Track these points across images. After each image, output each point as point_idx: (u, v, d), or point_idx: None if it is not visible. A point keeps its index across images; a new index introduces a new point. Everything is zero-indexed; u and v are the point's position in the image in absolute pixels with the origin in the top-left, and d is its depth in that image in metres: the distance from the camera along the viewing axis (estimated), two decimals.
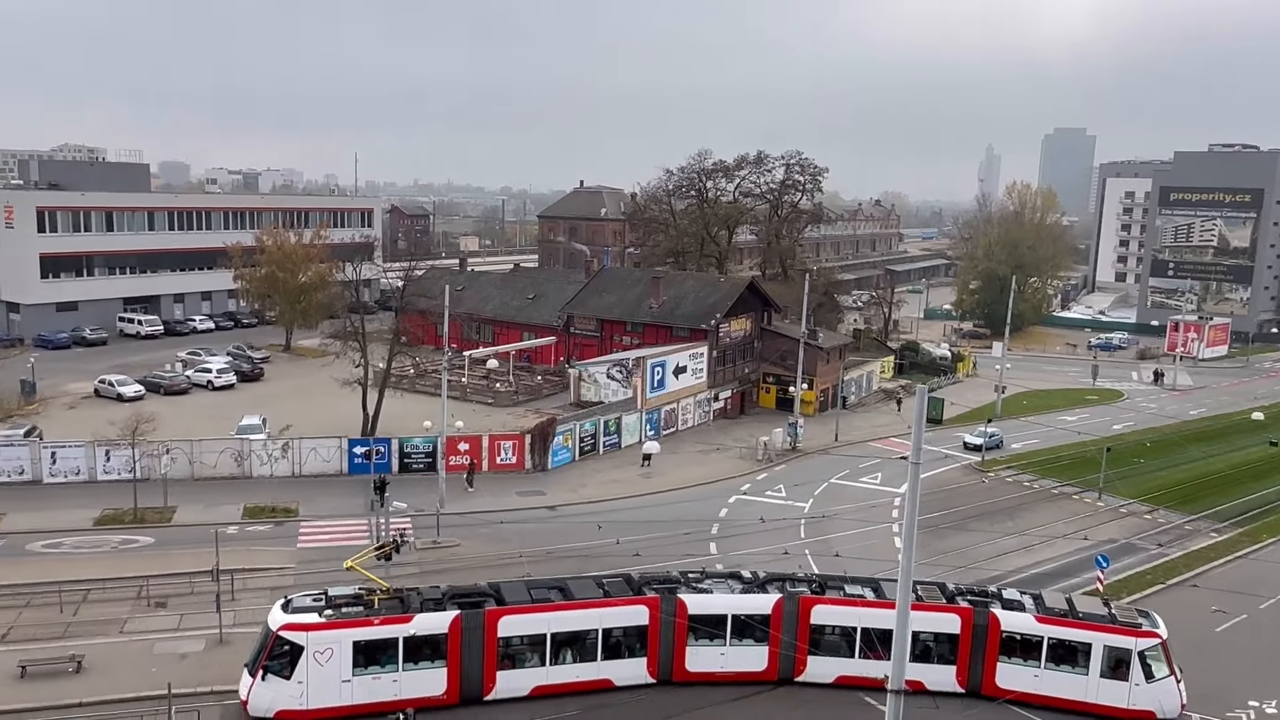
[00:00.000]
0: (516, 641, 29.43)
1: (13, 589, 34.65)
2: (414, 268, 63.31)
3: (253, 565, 37.91)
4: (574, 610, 29.75)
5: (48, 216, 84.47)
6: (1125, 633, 29.79)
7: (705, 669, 30.71)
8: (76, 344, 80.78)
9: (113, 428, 46.26)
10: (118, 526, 42.13)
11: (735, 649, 30.73)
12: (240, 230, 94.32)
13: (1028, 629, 30.41)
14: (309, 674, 27.26)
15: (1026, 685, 30.24)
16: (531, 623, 29.42)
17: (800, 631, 30.55)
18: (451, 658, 28.63)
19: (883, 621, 29.95)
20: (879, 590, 31.59)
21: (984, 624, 30.45)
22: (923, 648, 30.58)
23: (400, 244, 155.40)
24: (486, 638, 28.88)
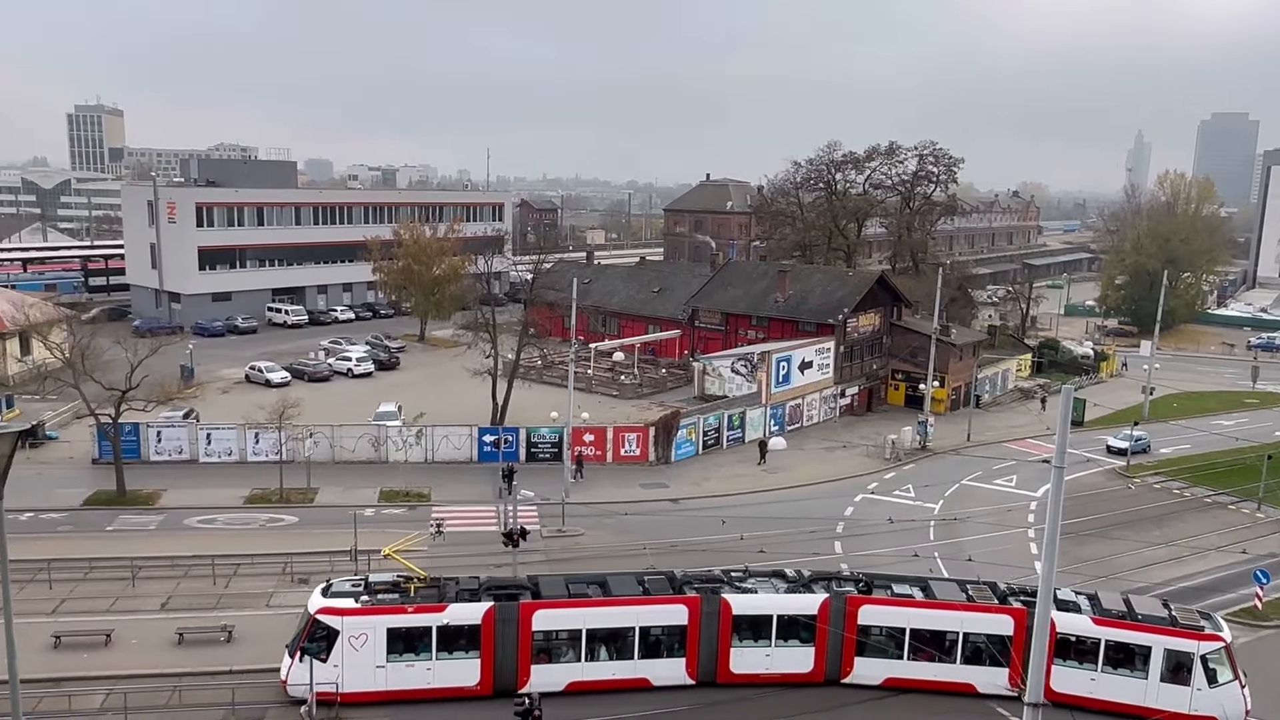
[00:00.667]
0: (551, 636, 29.36)
1: (171, 561, 37.05)
2: (542, 261, 64.46)
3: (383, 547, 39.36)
4: (610, 607, 29.58)
5: (205, 212, 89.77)
6: (1187, 635, 28.77)
7: (750, 670, 30.21)
8: (230, 332, 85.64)
9: (261, 412, 48.81)
10: (265, 505, 44.51)
11: (781, 650, 30.17)
12: (379, 224, 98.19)
13: (1083, 631, 29.44)
14: (344, 657, 27.88)
15: (1082, 689, 29.29)
16: (566, 618, 29.36)
17: (848, 632, 30.09)
18: (485, 649, 28.80)
19: (932, 622, 29.93)
20: (928, 590, 30.96)
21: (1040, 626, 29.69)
22: (973, 649, 29.93)
23: (529, 237, 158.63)
24: (520, 631, 28.88)
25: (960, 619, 29.97)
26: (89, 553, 37.58)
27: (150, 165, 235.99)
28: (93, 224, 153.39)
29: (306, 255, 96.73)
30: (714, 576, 31.49)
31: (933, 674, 30.28)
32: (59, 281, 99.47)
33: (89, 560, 36.78)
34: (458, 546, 39.82)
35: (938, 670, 30.23)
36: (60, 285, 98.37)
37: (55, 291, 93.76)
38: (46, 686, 27.97)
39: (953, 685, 30.22)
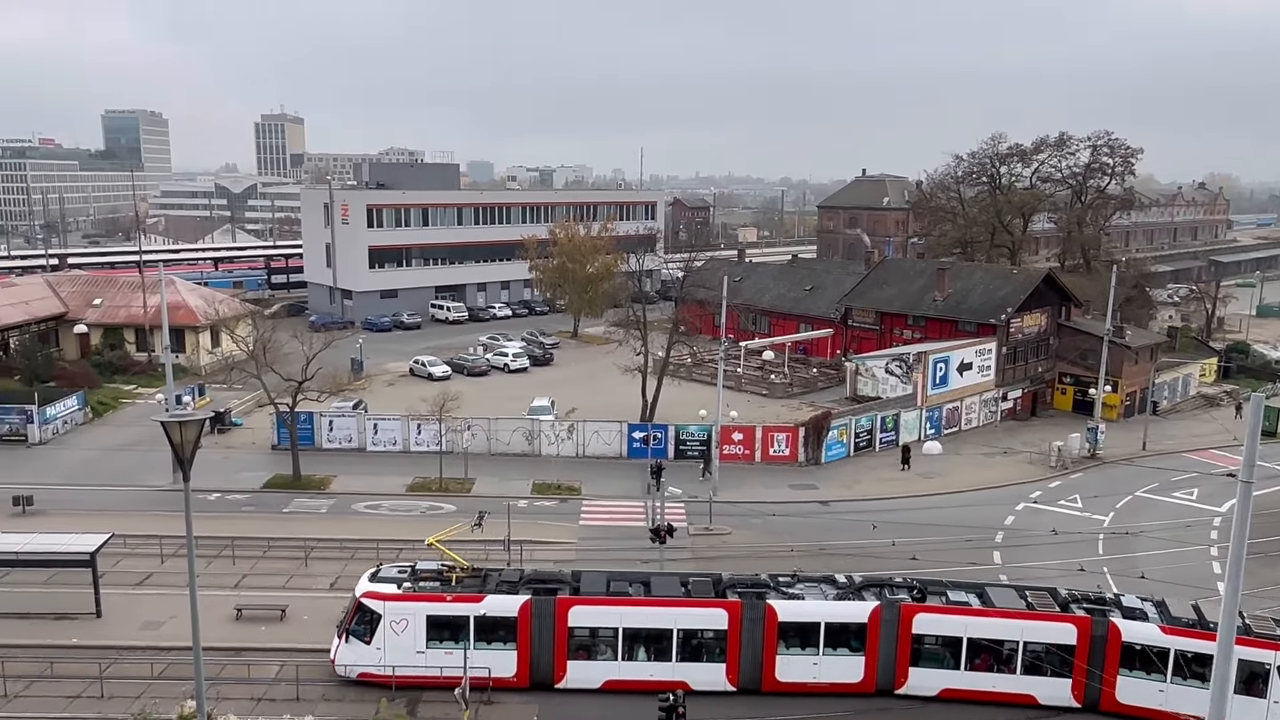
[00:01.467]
0: (588, 632, 29.27)
1: (340, 543, 39.25)
2: (694, 259, 64.73)
3: (539, 538, 40.42)
4: (648, 607, 29.18)
5: (375, 213, 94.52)
6: (1262, 645, 27.12)
7: (796, 679, 29.24)
8: (396, 327, 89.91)
9: (424, 404, 50.97)
10: (425, 494, 46.49)
11: (830, 659, 29.13)
12: (536, 224, 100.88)
13: (1152, 640, 28.09)
14: (386, 641, 28.57)
15: (1151, 701, 28.05)
16: (603, 615, 29.14)
17: (901, 641, 28.95)
18: (521, 641, 28.94)
19: (990, 631, 28.71)
20: (985, 597, 29.59)
21: (1103, 634, 28.29)
22: (1034, 660, 28.72)
23: (681, 235, 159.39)
24: (557, 625, 28.90)
25: (1020, 627, 28.75)
26: (267, 533, 40.32)
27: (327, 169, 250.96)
28: (275, 225, 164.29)
29: (467, 254, 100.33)
30: (760, 581, 30.75)
31: (991, 685, 29.07)
32: (245, 279, 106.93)
33: (267, 540, 39.46)
34: (606, 541, 40.52)
35: (996, 681, 29.03)
36: (246, 283, 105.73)
37: (242, 288, 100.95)
38: (228, 655, 30.17)
39: (1012, 697, 29.01)
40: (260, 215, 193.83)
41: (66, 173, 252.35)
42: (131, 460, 49.56)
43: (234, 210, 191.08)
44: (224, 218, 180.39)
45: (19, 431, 53.08)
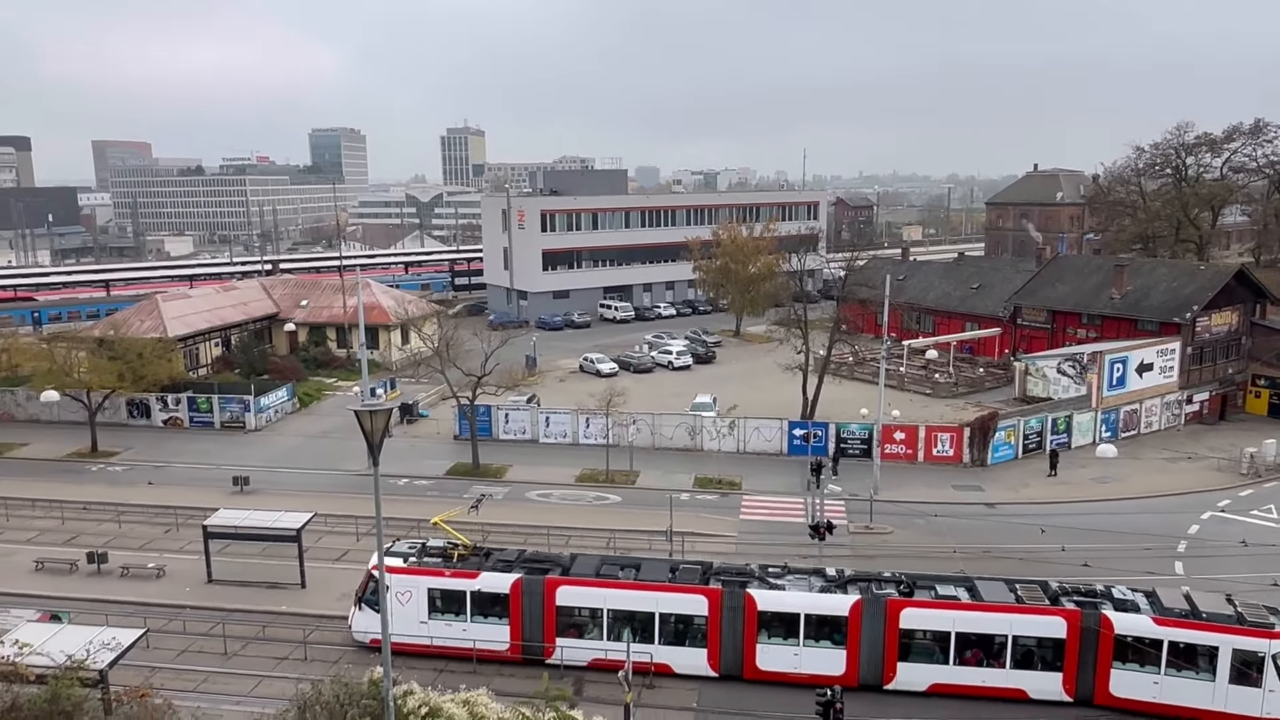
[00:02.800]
0: (575, 612, 29.67)
1: (514, 528, 40.69)
2: (856, 258, 63.18)
3: (700, 530, 40.57)
4: (632, 590, 29.30)
5: (549, 218, 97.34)
6: (1256, 634, 26.14)
7: (777, 668, 28.78)
8: (567, 326, 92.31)
9: (592, 399, 52.09)
10: (593, 484, 47.51)
11: (811, 650, 28.68)
12: (699, 226, 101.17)
13: (1144, 631, 27.02)
14: (391, 610, 28.11)
15: (1144, 693, 27.10)
16: (589, 596, 29.52)
17: (888, 636, 28.18)
18: (514, 617, 29.74)
19: (978, 625, 27.98)
20: (975, 592, 28.70)
21: (1094, 627, 27.29)
22: (1024, 653, 27.89)
23: (843, 235, 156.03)
24: (546, 603, 29.49)
25: (1009, 621, 27.86)
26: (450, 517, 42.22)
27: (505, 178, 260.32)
28: (458, 231, 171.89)
29: (634, 256, 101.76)
30: (746, 570, 30.39)
31: (981, 679, 28.14)
32: (432, 281, 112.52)
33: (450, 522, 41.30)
34: (765, 535, 40.20)
35: (986, 676, 28.11)
36: (433, 284, 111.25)
37: (429, 290, 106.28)
38: None
39: (1003, 691, 28.05)
40: (445, 222, 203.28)
41: (279, 187, 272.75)
42: (331, 447, 53.09)
43: (422, 218, 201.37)
44: (413, 225, 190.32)
45: (238, 419, 57.91)
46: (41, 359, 53.73)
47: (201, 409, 58.29)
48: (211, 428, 57.81)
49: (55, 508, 43.28)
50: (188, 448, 53.75)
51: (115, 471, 50.01)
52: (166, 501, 44.05)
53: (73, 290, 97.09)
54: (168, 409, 58.48)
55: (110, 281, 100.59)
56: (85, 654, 22.83)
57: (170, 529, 41.37)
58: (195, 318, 69.46)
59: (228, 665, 30.25)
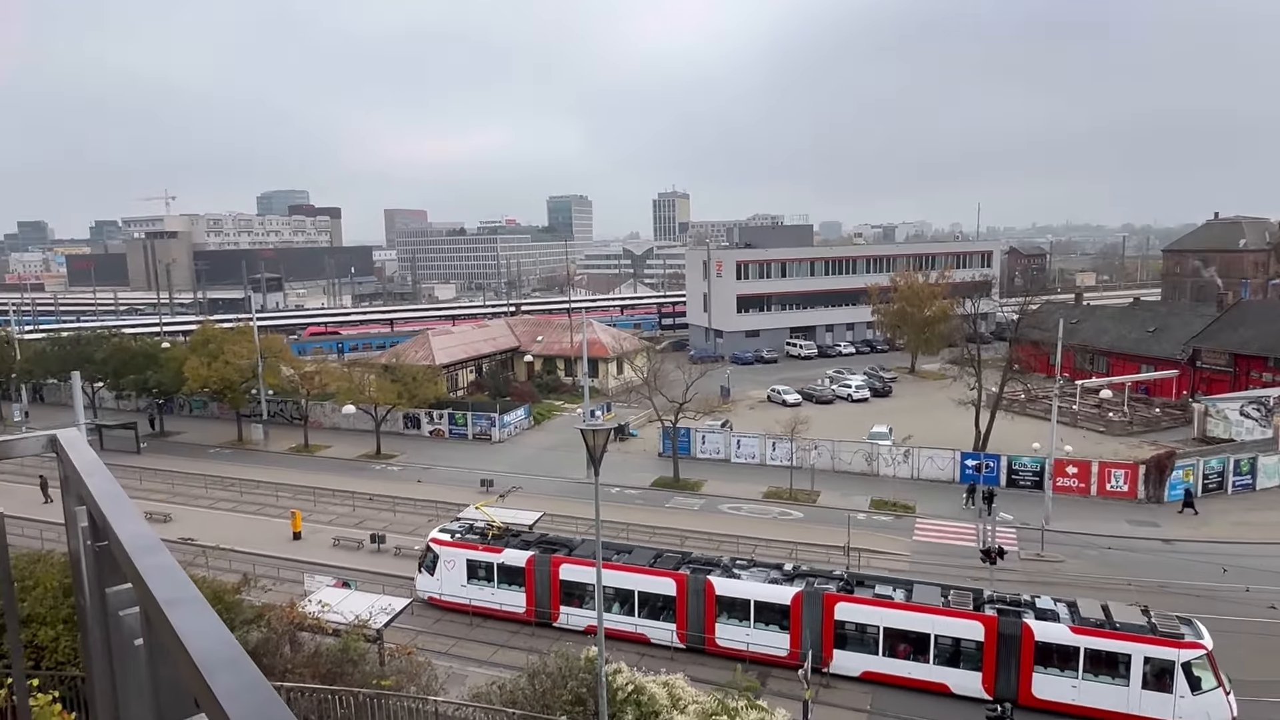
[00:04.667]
0: (573, 586, 31.65)
1: (708, 535, 40.61)
2: (1029, 302, 58.89)
3: (875, 548, 38.86)
4: (616, 571, 30.65)
5: (743, 268, 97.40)
6: (1166, 644, 25.01)
7: (732, 645, 29.54)
8: (757, 361, 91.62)
9: (778, 426, 51.33)
10: (778, 501, 46.66)
11: (760, 632, 29.34)
12: (878, 273, 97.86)
13: (1062, 639, 25.96)
14: (442, 574, 33.29)
15: (1064, 696, 26.00)
16: (582, 573, 31.42)
17: (825, 625, 28.32)
18: (528, 587, 32.19)
19: (905, 623, 27.58)
20: (909, 593, 28.32)
21: (1014, 633, 26.40)
22: (947, 651, 27.24)
23: (1016, 281, 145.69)
24: (552, 577, 31.78)
25: (932, 621, 27.35)
26: (652, 522, 42.80)
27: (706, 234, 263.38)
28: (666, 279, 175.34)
29: (817, 300, 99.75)
30: (711, 560, 31.55)
31: (907, 671, 27.70)
32: (642, 321, 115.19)
33: (652, 528, 41.89)
34: (937, 556, 37.91)
35: (912, 669, 27.62)
36: (643, 324, 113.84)
37: (640, 329, 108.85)
38: None
39: (928, 684, 27.40)
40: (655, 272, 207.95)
41: (522, 244, 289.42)
42: (559, 458, 55.25)
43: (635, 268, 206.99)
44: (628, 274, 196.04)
45: (486, 433, 61.50)
46: (343, 380, 59.50)
47: (458, 423, 62.41)
48: (465, 439, 61.72)
49: (348, 498, 47.59)
50: (447, 454, 57.64)
51: (393, 471, 54.39)
52: (431, 497, 47.39)
53: (366, 327, 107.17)
54: (433, 422, 63.06)
55: (394, 320, 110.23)
56: (368, 615, 24.85)
57: (432, 518, 44.40)
58: (456, 349, 74.65)
59: (472, 634, 31.94)
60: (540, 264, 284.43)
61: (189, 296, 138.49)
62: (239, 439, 62.78)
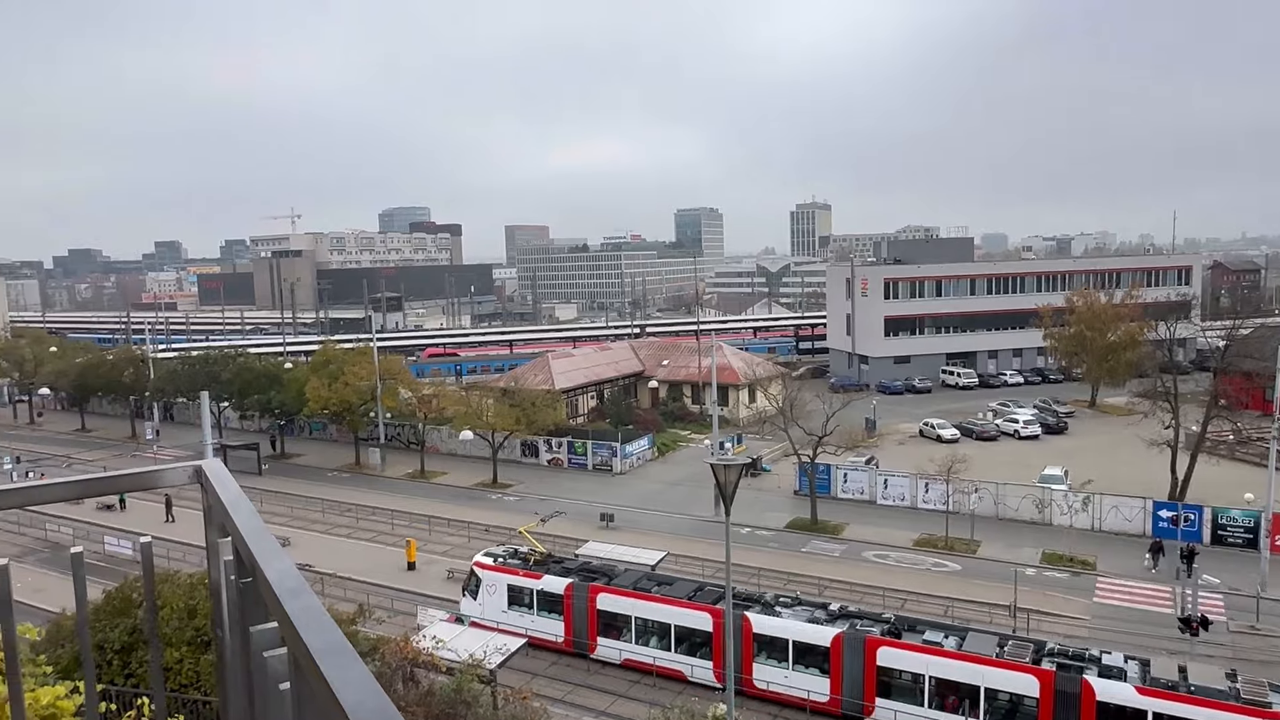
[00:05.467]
0: (611, 616, 32.50)
1: (850, 586, 39.49)
2: (1239, 326, 54.43)
3: (1048, 609, 36.64)
4: (653, 603, 31.77)
5: (891, 286, 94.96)
6: (1253, 713, 23.00)
7: (768, 687, 29.65)
8: (908, 391, 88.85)
9: (931, 464, 49.48)
10: (931, 550, 44.86)
11: (799, 675, 29.34)
12: (1051, 292, 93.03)
13: (1126, 700, 24.57)
14: (484, 599, 35.04)
15: None
16: (620, 603, 32.40)
17: (867, 671, 27.88)
18: (566, 615, 33.28)
19: (953, 673, 26.86)
20: (963, 641, 27.74)
21: (1073, 690, 25.16)
22: (997, 706, 26.34)
23: (1222, 301, 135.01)
24: (590, 606, 32.70)
25: (982, 673, 26.63)
26: (788, 568, 42.07)
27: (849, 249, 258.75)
28: (804, 299, 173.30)
29: (978, 323, 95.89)
30: (752, 595, 32.30)
31: None
32: (777, 345, 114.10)
33: (786, 575, 41.15)
34: (1123, 622, 35.34)
35: None
36: (778, 348, 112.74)
37: (774, 353, 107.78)
38: None
39: None
40: (791, 290, 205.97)
41: (648, 261, 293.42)
42: (683, 493, 55.30)
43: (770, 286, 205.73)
44: (762, 293, 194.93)
45: (607, 463, 62.39)
46: (460, 404, 61.95)
47: (578, 452, 63.63)
48: (585, 469, 62.82)
49: (464, 528, 49.33)
50: (566, 485, 58.83)
51: (509, 501, 56.00)
52: (548, 531, 48.42)
53: (485, 348, 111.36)
54: (552, 450, 64.58)
55: (513, 341, 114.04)
56: (482, 654, 25.58)
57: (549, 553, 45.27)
58: (576, 373, 76.32)
59: (589, 681, 32.25)
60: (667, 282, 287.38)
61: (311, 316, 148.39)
62: (356, 463, 66.38)
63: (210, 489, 2.00)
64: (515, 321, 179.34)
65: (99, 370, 79.68)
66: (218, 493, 1.95)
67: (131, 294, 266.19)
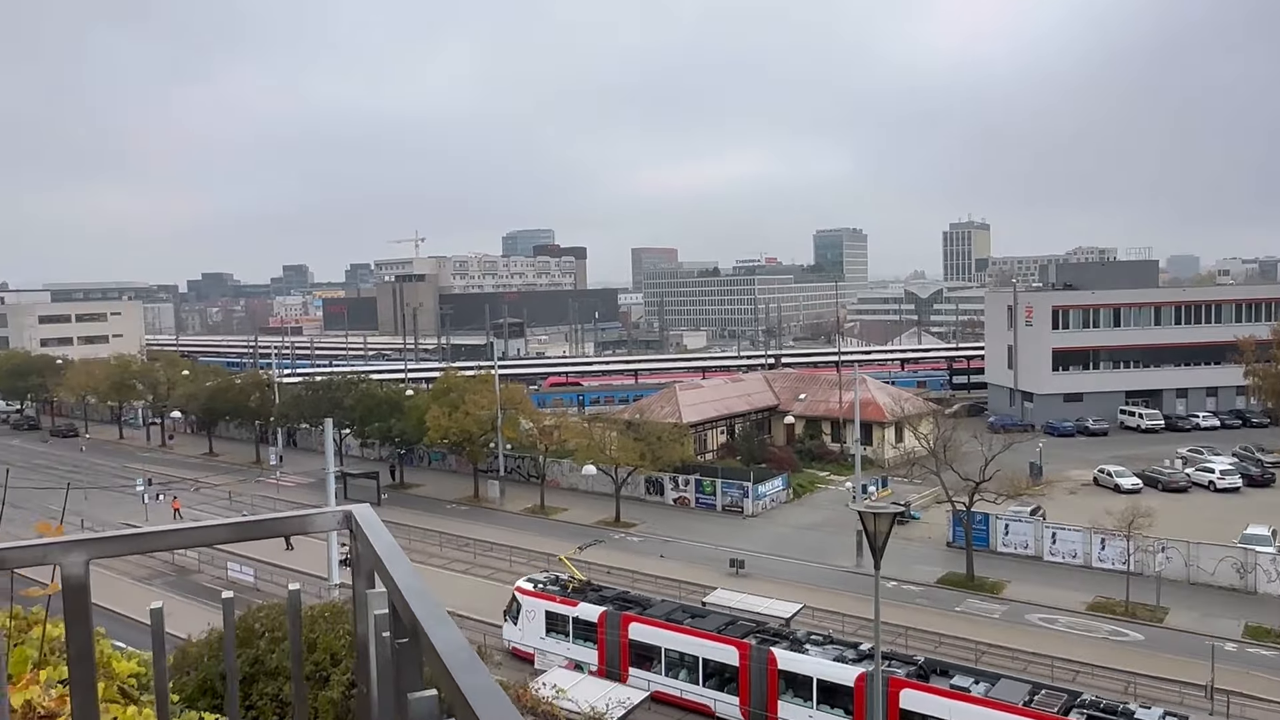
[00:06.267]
0: (642, 647, 33.93)
1: (1013, 652, 37.54)
2: None
3: (1253, 691, 33.76)
4: (682, 634, 33.25)
5: (1060, 315, 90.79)
6: None
7: None
8: (1079, 432, 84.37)
9: (1109, 517, 46.72)
10: (1108, 616, 42.16)
11: (823, 714, 30.16)
12: (1254, 323, 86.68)
13: None
14: (524, 625, 37.19)
15: None
16: (651, 633, 33.89)
17: (890, 713, 27.88)
18: (600, 643, 34.70)
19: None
20: (992, 687, 28.20)
21: None
22: None
23: None
24: (622, 635, 34.23)
25: None
26: (939, 628, 40.45)
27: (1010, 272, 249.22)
28: (958, 328, 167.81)
29: (1165, 357, 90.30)
30: (777, 631, 33.72)
31: None
32: (928, 379, 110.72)
33: (937, 635, 39.52)
34: None
35: None
36: (929, 382, 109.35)
37: (924, 388, 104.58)
38: None
39: None
40: (944, 319, 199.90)
41: (783, 285, 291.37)
42: (821, 539, 54.14)
43: (920, 314, 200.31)
44: (910, 321, 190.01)
45: (737, 504, 61.87)
46: (582, 436, 62.89)
47: (706, 491, 63.40)
48: (713, 509, 62.48)
49: (583, 567, 49.85)
50: (692, 525, 58.64)
51: (632, 541, 56.26)
52: (672, 574, 48.35)
53: (609, 378, 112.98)
54: (678, 488, 64.60)
55: (638, 371, 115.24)
56: (604, 706, 25.69)
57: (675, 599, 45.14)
58: (706, 406, 76.27)
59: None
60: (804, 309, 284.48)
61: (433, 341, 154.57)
62: (475, 495, 68.30)
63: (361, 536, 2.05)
64: (641, 349, 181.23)
65: (227, 394, 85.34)
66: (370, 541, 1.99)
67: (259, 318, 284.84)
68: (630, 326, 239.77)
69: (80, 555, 1.92)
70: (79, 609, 1.92)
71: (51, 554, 1.91)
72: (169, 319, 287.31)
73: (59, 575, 1.94)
